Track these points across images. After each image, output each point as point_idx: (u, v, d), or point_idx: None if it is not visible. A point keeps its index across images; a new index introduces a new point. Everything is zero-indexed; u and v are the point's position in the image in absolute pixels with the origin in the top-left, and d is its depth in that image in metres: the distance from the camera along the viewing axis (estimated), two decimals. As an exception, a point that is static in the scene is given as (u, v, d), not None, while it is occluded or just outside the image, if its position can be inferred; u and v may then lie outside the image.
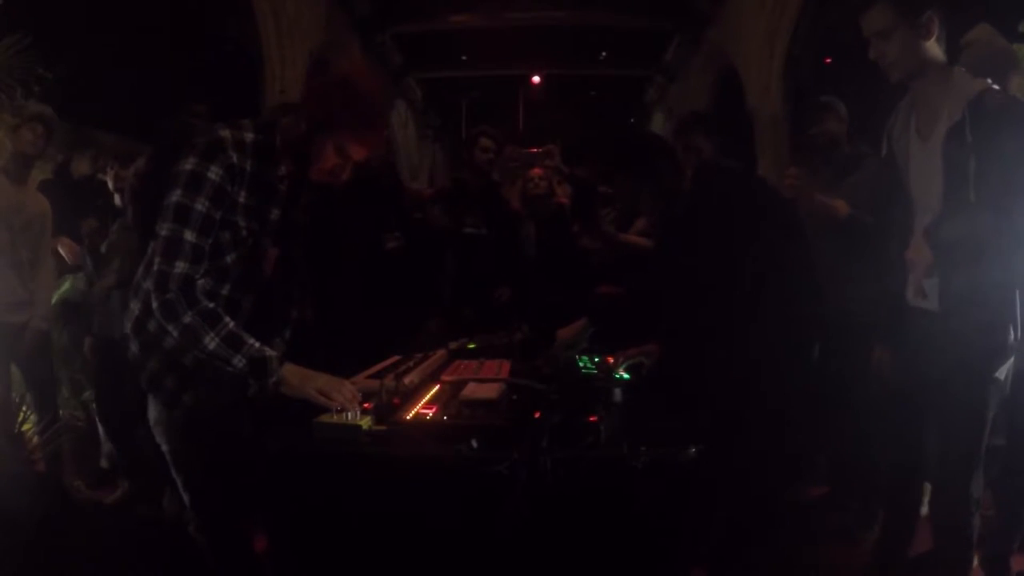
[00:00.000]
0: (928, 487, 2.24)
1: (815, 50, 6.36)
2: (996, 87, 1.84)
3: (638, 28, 8.82)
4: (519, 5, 8.08)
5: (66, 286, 3.64)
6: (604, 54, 10.14)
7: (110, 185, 3.44)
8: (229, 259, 1.76)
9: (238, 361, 1.64)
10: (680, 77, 9.73)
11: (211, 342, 1.64)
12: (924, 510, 2.30)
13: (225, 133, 1.72)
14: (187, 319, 1.64)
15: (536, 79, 11.48)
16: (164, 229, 1.67)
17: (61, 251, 3.43)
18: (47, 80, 3.73)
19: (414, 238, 3.82)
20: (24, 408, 3.31)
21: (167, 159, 2.54)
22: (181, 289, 1.65)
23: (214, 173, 1.67)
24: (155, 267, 1.67)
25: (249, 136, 1.74)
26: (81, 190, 3.83)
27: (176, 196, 1.67)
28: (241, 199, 1.73)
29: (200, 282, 1.69)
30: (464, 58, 10.02)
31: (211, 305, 1.68)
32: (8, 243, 3.08)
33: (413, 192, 4.50)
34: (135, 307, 1.82)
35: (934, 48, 1.83)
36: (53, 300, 3.41)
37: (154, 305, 1.66)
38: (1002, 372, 1.88)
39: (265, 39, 6.51)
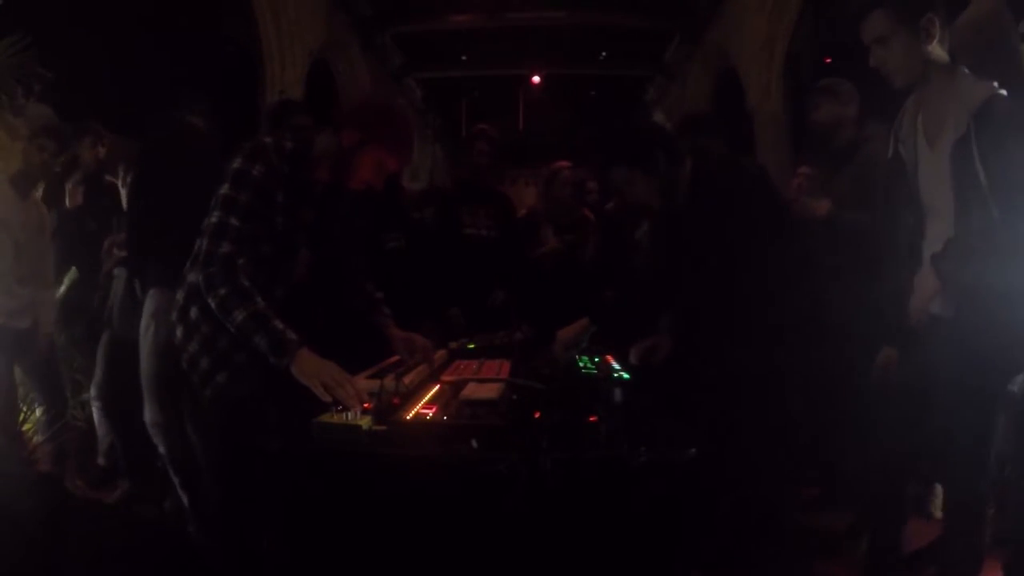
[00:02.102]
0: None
1: (815, 50, 6.36)
2: (1002, 92, 1.77)
3: (638, 28, 8.81)
4: (519, 5, 8.07)
5: (63, 287, 3.65)
6: (604, 54, 10.13)
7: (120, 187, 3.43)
8: (265, 249, 1.96)
9: (260, 338, 1.77)
10: (680, 77, 9.72)
11: (239, 315, 1.79)
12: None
13: (267, 140, 1.97)
14: (223, 291, 1.82)
15: (536, 79, 11.46)
16: (214, 217, 1.89)
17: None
18: (48, 79, 3.73)
19: (413, 239, 3.81)
20: (24, 408, 3.32)
21: (170, 159, 2.64)
22: (223, 265, 1.84)
23: (257, 171, 1.91)
24: (203, 249, 1.87)
25: (288, 144, 1.99)
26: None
27: (224, 190, 1.90)
28: (279, 198, 1.96)
29: (240, 262, 1.86)
30: (464, 58, 10.01)
31: (247, 284, 1.84)
32: (13, 256, 3.12)
33: (412, 193, 4.50)
34: (180, 296, 2.02)
35: (936, 51, 1.79)
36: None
37: (199, 279, 1.86)
38: (1016, 382, 1.87)
39: (265, 39, 6.50)
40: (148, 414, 2.78)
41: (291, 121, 3.13)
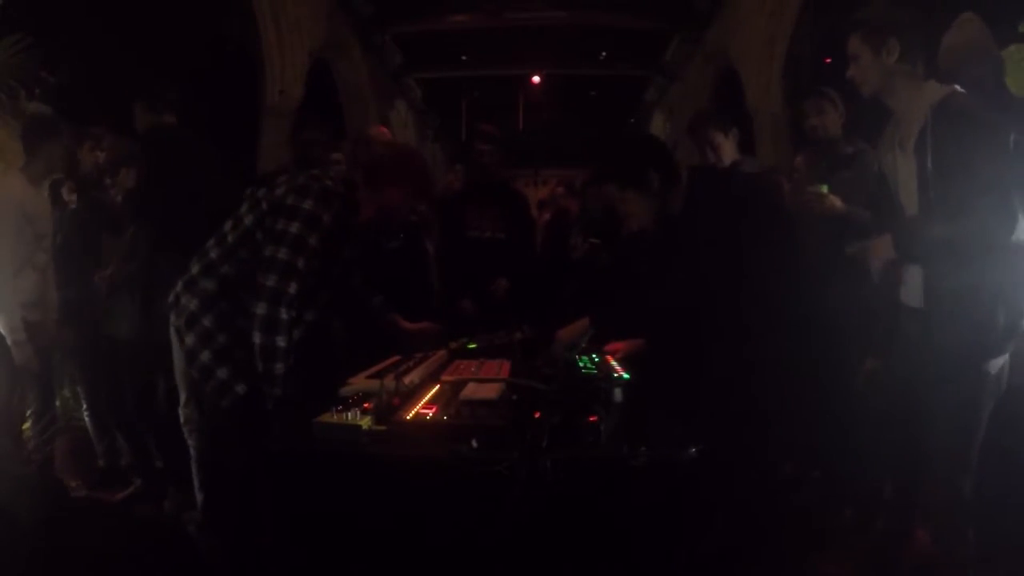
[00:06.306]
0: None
1: (815, 50, 6.35)
2: (960, 90, 1.93)
3: (638, 28, 8.81)
4: (519, 5, 8.07)
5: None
6: (604, 54, 10.13)
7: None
8: (309, 281, 2.06)
9: (275, 390, 1.95)
10: (680, 77, 9.72)
11: (280, 368, 1.95)
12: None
13: (332, 185, 2.10)
14: (281, 343, 1.95)
15: (536, 79, 11.47)
16: (282, 253, 1.99)
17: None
18: (51, 83, 3.74)
19: (413, 239, 3.81)
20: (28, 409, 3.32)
21: (166, 162, 2.68)
22: (289, 310, 1.97)
23: (327, 218, 2.04)
24: (269, 284, 1.98)
25: (342, 190, 2.13)
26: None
27: (295, 229, 2.00)
28: (333, 239, 2.09)
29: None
30: (464, 58, 10.01)
31: (291, 341, 2.00)
32: (33, 249, 3.12)
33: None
34: (190, 303, 2.12)
35: (901, 67, 1.98)
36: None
37: (260, 312, 1.95)
38: (994, 367, 1.90)
39: (265, 39, 6.50)
40: (184, 412, 2.80)
41: (305, 136, 3.20)
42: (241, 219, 2.15)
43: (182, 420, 2.80)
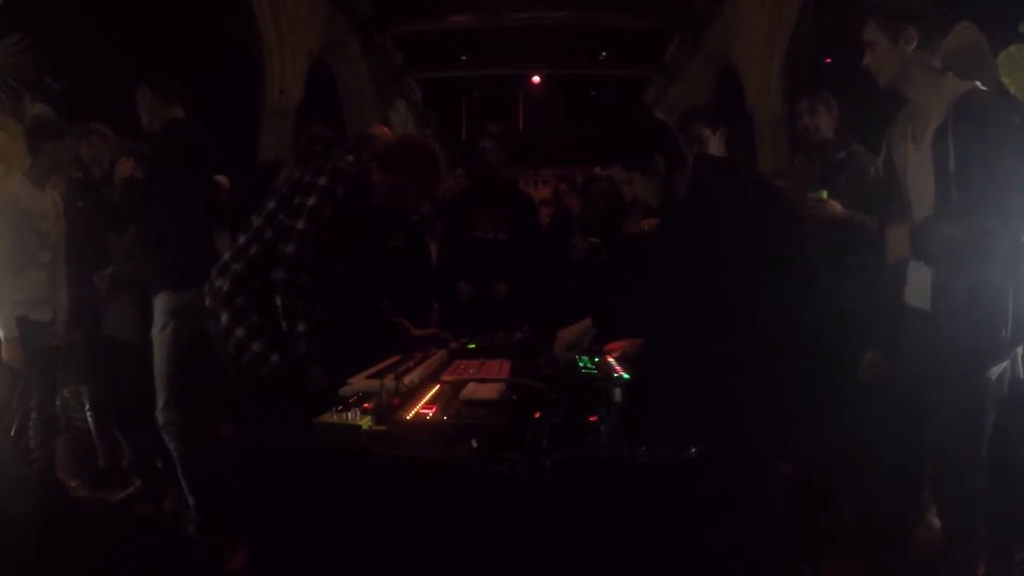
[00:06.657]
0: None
1: (815, 50, 6.36)
2: (982, 88, 1.90)
3: (638, 28, 8.82)
4: (519, 5, 8.08)
5: None
6: (604, 54, 10.14)
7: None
8: (327, 255, 2.22)
9: (302, 347, 2.16)
10: (680, 77, 9.73)
11: (302, 326, 2.16)
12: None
13: (345, 167, 2.31)
14: (301, 303, 2.17)
15: (536, 79, 11.49)
16: (300, 224, 2.18)
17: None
18: (55, 88, 3.74)
19: (413, 238, 3.81)
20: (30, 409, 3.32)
21: (170, 158, 2.73)
22: (310, 275, 2.17)
23: (340, 191, 2.23)
24: (289, 252, 2.16)
25: (354, 172, 2.32)
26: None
27: (312, 201, 2.19)
28: (347, 215, 2.27)
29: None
30: (464, 58, 10.02)
31: (311, 304, 2.21)
32: (36, 248, 3.13)
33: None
34: (223, 284, 2.27)
35: (920, 57, 1.95)
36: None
37: (281, 276, 2.15)
38: (995, 372, 1.89)
39: (265, 39, 6.51)
40: (163, 415, 2.76)
41: (310, 136, 3.26)
42: (265, 206, 2.32)
43: (161, 423, 2.76)
